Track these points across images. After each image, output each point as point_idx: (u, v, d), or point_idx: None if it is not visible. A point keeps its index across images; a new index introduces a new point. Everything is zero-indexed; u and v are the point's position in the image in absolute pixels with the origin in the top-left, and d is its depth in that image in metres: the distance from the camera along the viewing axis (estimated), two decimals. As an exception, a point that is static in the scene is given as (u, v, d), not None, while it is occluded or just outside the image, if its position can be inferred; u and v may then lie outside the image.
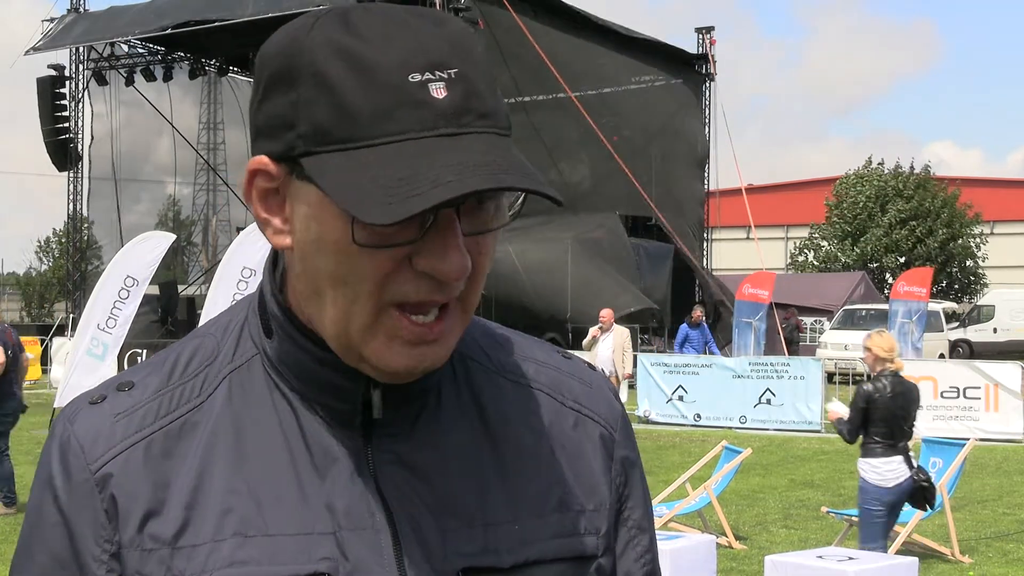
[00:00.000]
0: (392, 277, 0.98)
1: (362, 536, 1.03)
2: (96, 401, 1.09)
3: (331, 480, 1.05)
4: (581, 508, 1.12)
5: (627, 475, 1.18)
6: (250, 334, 1.11)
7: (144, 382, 1.10)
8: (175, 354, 1.12)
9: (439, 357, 1.03)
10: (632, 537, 1.18)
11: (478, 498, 1.08)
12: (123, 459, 1.05)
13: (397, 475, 1.06)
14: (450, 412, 1.11)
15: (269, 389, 1.08)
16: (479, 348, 1.16)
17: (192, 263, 35.02)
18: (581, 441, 1.15)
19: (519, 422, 1.13)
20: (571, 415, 1.16)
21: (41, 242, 57.31)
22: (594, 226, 26.99)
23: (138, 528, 1.04)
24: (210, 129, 34.26)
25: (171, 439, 1.06)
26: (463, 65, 0.98)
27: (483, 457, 1.10)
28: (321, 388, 1.07)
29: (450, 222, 0.97)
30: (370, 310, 0.99)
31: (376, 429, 1.07)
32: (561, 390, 1.17)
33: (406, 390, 1.07)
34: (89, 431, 1.07)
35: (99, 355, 16.52)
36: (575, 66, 27.08)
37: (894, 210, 46.59)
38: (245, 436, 1.06)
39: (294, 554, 1.02)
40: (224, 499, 1.04)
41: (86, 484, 1.05)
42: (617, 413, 1.20)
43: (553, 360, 1.20)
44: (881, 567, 6.52)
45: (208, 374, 1.10)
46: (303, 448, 1.06)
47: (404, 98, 0.96)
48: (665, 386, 18.56)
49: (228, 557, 1.02)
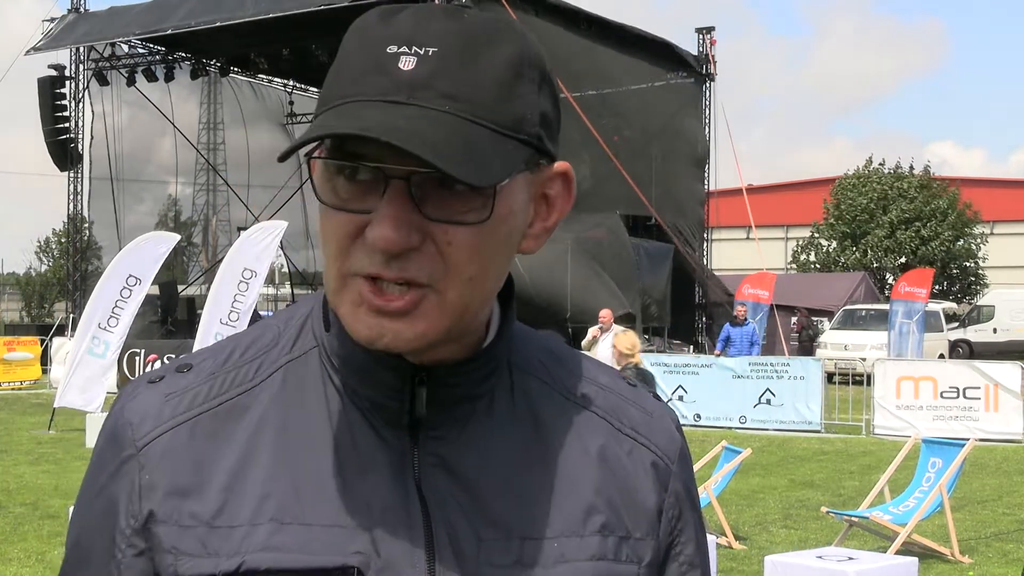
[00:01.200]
0: (352, 245, 1.01)
1: (397, 535, 1.04)
2: (155, 380, 1.12)
3: (373, 477, 1.06)
4: (626, 535, 1.11)
5: (681, 509, 1.16)
6: (312, 327, 1.13)
7: (200, 365, 1.12)
8: (235, 341, 1.15)
9: (401, 336, 1.01)
10: (683, 573, 1.16)
11: (519, 510, 1.07)
12: (168, 437, 1.07)
13: (439, 478, 1.06)
14: (501, 421, 1.10)
15: (323, 382, 1.10)
16: (539, 363, 1.15)
17: (192, 263, 35.03)
18: (635, 469, 1.14)
19: (571, 440, 1.12)
20: (627, 442, 1.15)
21: (41, 242, 57.40)
22: (594, 226, 26.98)
23: (177, 505, 1.06)
24: (211, 129, 34.26)
25: (219, 420, 1.08)
26: (450, 50, 0.99)
27: (529, 470, 1.09)
28: (371, 384, 1.07)
29: (396, 194, 0.98)
30: (335, 275, 1.02)
31: (423, 431, 1.07)
32: (619, 416, 1.16)
33: (456, 395, 1.08)
34: (140, 408, 1.10)
35: (100, 354, 16.51)
36: (577, 66, 27.06)
37: (897, 211, 46.58)
38: (292, 426, 1.08)
39: (327, 545, 1.03)
40: (264, 485, 1.05)
41: (131, 460, 1.08)
42: (676, 445, 1.18)
43: (617, 386, 1.19)
44: (881, 567, 6.53)
45: (264, 361, 1.12)
46: (349, 443, 1.07)
47: (375, 66, 0.99)
48: (665, 386, 18.56)
49: (263, 542, 1.03)
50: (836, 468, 13.73)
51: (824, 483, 12.50)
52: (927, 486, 8.87)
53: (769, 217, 52.67)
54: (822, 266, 48.78)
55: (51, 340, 25.53)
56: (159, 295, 27.86)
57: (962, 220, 47.39)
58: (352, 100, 0.99)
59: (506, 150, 1.01)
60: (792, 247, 53.06)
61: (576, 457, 1.12)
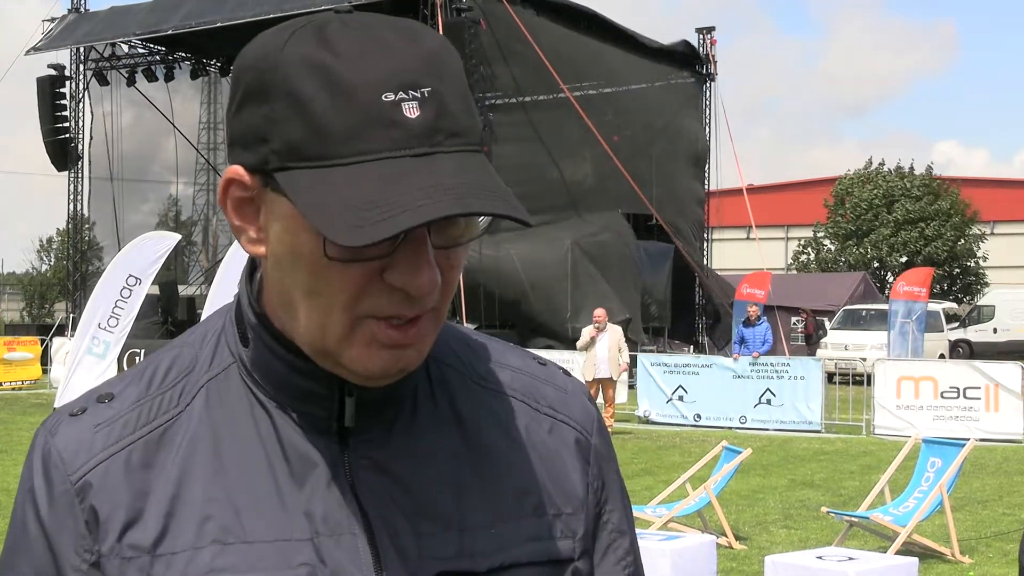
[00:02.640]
0: (365, 290, 0.99)
1: (340, 542, 1.05)
2: (76, 413, 1.10)
3: (309, 487, 1.06)
4: (557, 512, 1.13)
5: (604, 479, 1.19)
6: (227, 343, 1.12)
7: (123, 393, 1.11)
8: (153, 365, 1.13)
9: (412, 360, 1.04)
10: (612, 540, 1.19)
11: (454, 503, 1.09)
12: (103, 469, 1.06)
13: (374, 481, 1.07)
14: (426, 418, 1.11)
15: (246, 397, 1.09)
16: (454, 354, 1.17)
17: (192, 263, 35.04)
18: (556, 446, 1.16)
19: (494, 428, 1.14)
20: (546, 421, 1.17)
21: (42, 242, 57.43)
22: (597, 226, 26.98)
23: (118, 537, 1.05)
24: (211, 129, 34.26)
25: (150, 449, 1.07)
26: (437, 83, 0.98)
27: (459, 462, 1.11)
28: (297, 395, 1.07)
29: (421, 238, 0.98)
30: (344, 322, 1.00)
31: (353, 436, 1.08)
32: (535, 396, 1.18)
33: (381, 397, 1.08)
34: (69, 442, 1.08)
35: (100, 354, 16.51)
36: (579, 64, 27.07)
37: (902, 210, 46.58)
38: (223, 444, 1.07)
39: (273, 560, 1.03)
40: (203, 507, 1.05)
41: (66, 495, 1.06)
42: (592, 417, 1.20)
43: (528, 367, 1.21)
44: (881, 567, 6.53)
45: (186, 384, 1.11)
46: (280, 455, 1.07)
47: (376, 118, 0.96)
48: (665, 386, 18.57)
49: (207, 564, 1.03)
50: (836, 468, 13.73)
51: (824, 483, 12.50)
52: (927, 486, 8.86)
53: (769, 217, 52.68)
54: (821, 266, 48.78)
55: (51, 340, 25.52)
56: (159, 295, 27.87)
57: (963, 220, 47.42)
58: (371, 158, 0.95)
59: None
60: (792, 247, 53.05)
61: (501, 443, 1.13)
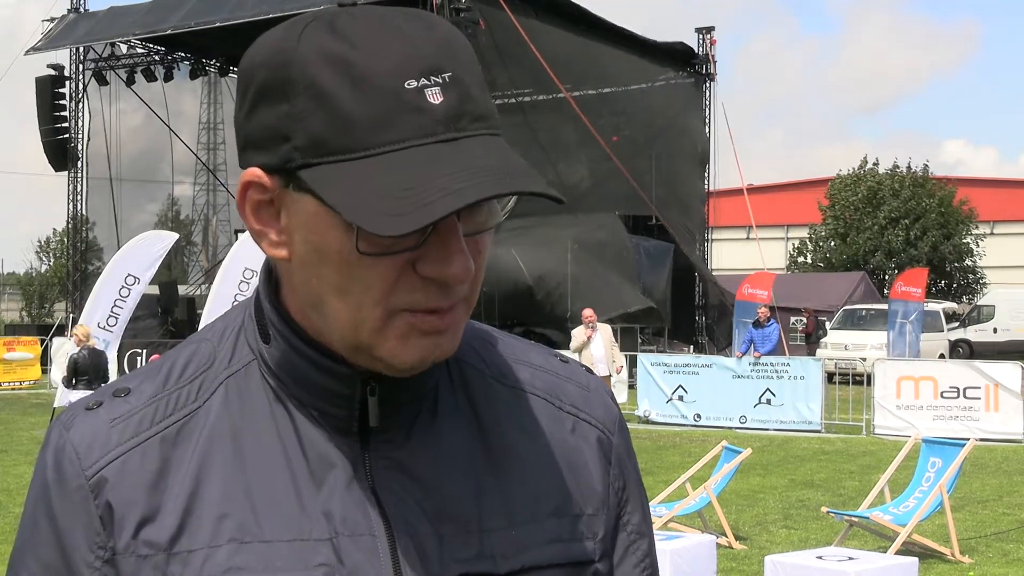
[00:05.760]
0: (398, 284, 0.98)
1: (359, 542, 1.03)
2: (92, 407, 1.08)
3: (328, 486, 1.04)
4: (579, 513, 1.12)
5: (625, 479, 1.18)
6: (247, 340, 1.10)
7: (140, 388, 1.09)
8: (171, 360, 1.11)
9: (449, 348, 1.03)
10: (632, 542, 1.18)
11: (475, 504, 1.07)
12: (119, 464, 1.05)
13: (394, 481, 1.06)
14: (446, 418, 1.10)
15: (266, 394, 1.07)
16: (475, 352, 1.15)
17: (192, 263, 35.05)
18: (579, 445, 1.15)
19: (515, 427, 1.12)
20: (568, 420, 1.16)
21: (41, 242, 57.43)
22: (595, 226, 26.98)
23: (133, 534, 1.03)
24: (210, 129, 34.29)
25: (167, 444, 1.05)
26: (456, 68, 0.98)
27: (479, 463, 1.09)
28: (318, 394, 1.06)
29: (452, 226, 0.97)
30: (379, 316, 0.99)
31: (373, 435, 1.07)
32: (558, 394, 1.16)
33: (402, 396, 1.07)
34: (84, 437, 1.06)
35: (99, 355, 16.50)
36: (577, 65, 27.06)
37: (887, 209, 46.54)
38: (242, 442, 1.06)
39: (290, 560, 1.02)
40: (220, 505, 1.03)
41: (80, 490, 1.05)
42: (614, 416, 1.19)
43: (550, 364, 1.19)
44: (881, 567, 6.53)
45: (204, 379, 1.09)
46: (300, 454, 1.05)
47: (401, 105, 0.95)
48: (665, 386, 18.57)
49: (224, 563, 1.01)
50: (836, 468, 13.73)
51: (824, 483, 12.49)
52: (927, 486, 8.86)
53: (769, 217, 52.69)
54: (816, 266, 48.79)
55: (51, 340, 25.53)
56: (159, 295, 27.89)
57: (955, 219, 47.26)
58: (400, 147, 0.95)
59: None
60: (792, 247, 53.07)
61: (522, 442, 1.12)
